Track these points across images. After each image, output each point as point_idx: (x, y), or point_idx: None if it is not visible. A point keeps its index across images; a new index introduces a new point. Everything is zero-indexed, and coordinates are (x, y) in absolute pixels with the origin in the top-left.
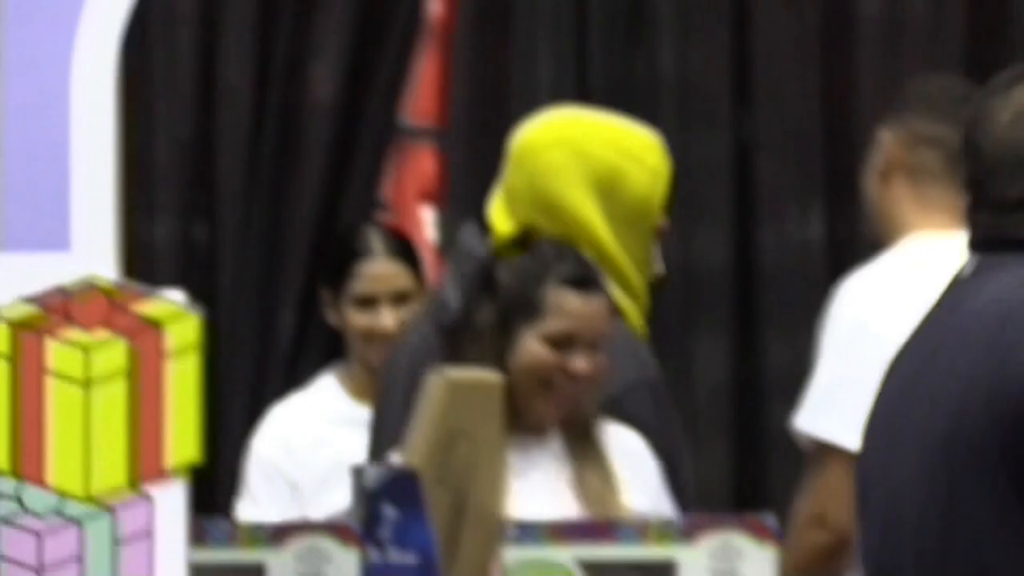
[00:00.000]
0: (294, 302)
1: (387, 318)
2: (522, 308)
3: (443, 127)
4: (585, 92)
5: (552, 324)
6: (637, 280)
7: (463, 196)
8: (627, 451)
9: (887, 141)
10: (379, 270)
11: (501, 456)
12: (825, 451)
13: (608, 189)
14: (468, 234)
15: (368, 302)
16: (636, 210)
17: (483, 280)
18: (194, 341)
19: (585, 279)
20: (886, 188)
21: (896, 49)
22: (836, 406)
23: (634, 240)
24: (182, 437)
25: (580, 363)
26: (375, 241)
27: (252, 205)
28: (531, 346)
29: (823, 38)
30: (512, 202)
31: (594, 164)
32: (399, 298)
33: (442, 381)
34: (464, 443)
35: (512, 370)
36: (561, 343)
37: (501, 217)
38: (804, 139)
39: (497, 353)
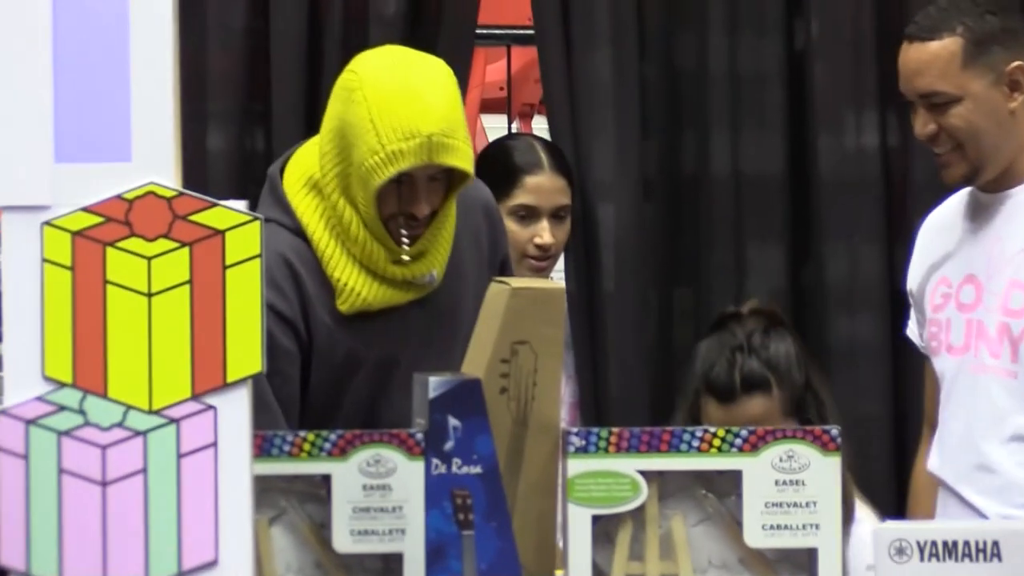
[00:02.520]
0: None
1: (547, 233)
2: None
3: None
4: (640, 1)
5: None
6: (351, 218)
7: None
8: None
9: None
10: (545, 183)
11: (560, 366)
12: None
13: (347, 138)
14: None
15: (529, 215)
16: (358, 172)
17: None
18: (255, 250)
19: (729, 390)
20: (1017, 119)
21: None
22: None
23: (358, 191)
24: (244, 347)
25: None
26: (541, 153)
27: (312, 115)
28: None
29: None
30: None
31: (344, 109)
32: (558, 214)
33: (505, 290)
34: (526, 353)
35: None
36: None
37: None
38: (858, 47)
39: None
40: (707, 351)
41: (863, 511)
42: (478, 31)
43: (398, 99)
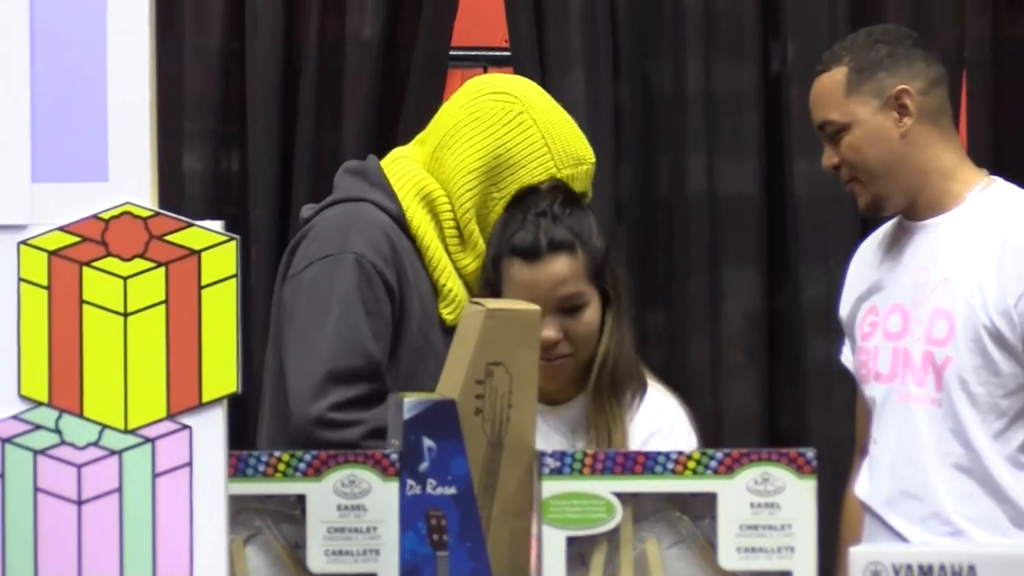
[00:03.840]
0: None
1: None
2: (492, 280)
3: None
4: (615, 23)
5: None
6: (478, 238)
7: None
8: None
9: (911, 93)
10: None
11: (535, 388)
12: None
13: (508, 159)
14: None
15: None
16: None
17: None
18: (231, 270)
19: (534, 248)
20: (911, 143)
21: None
22: None
23: (501, 212)
24: (220, 367)
25: (548, 332)
26: None
27: (287, 136)
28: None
29: None
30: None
31: (508, 135)
32: None
33: (480, 312)
34: (501, 374)
35: None
36: None
37: None
38: None
39: None
40: (509, 219)
41: (656, 390)
42: (453, 52)
43: (566, 127)
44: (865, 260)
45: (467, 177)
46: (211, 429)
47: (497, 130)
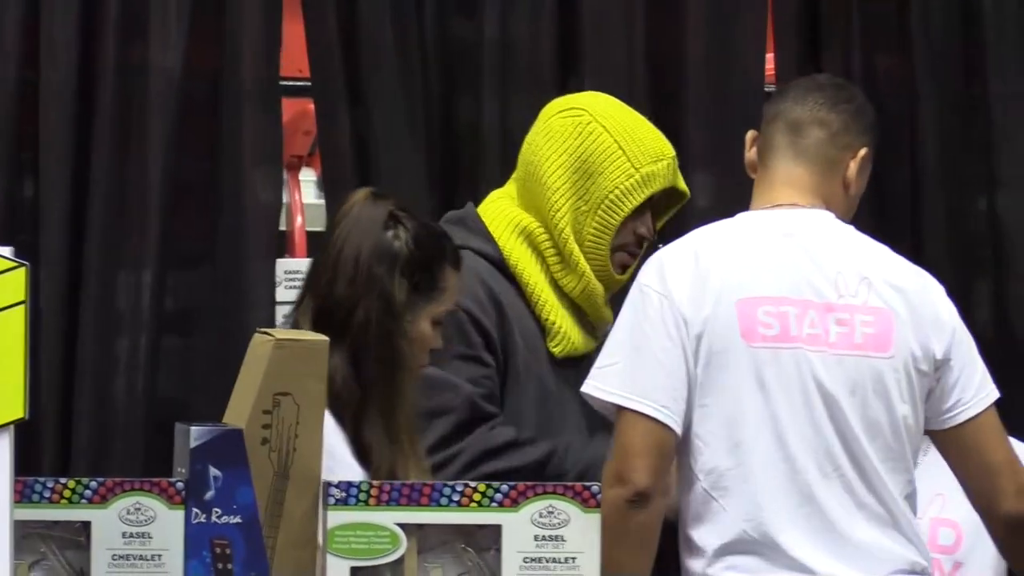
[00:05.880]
0: (134, 263)
1: None
2: (426, 287)
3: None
4: (424, 58)
5: (446, 305)
6: (579, 256)
7: None
8: None
9: (747, 143)
10: None
11: (322, 418)
12: (620, 412)
13: (586, 171)
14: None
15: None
16: (603, 200)
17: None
18: (20, 296)
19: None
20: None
21: (724, 15)
22: (626, 370)
23: (591, 224)
24: (7, 393)
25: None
26: None
27: (84, 164)
28: (426, 327)
29: (649, 3)
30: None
31: (586, 142)
32: None
33: (269, 342)
34: (289, 404)
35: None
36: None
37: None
38: (630, 104)
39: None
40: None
41: None
42: None
43: (638, 127)
44: None
45: (554, 198)
46: None
47: (569, 144)
